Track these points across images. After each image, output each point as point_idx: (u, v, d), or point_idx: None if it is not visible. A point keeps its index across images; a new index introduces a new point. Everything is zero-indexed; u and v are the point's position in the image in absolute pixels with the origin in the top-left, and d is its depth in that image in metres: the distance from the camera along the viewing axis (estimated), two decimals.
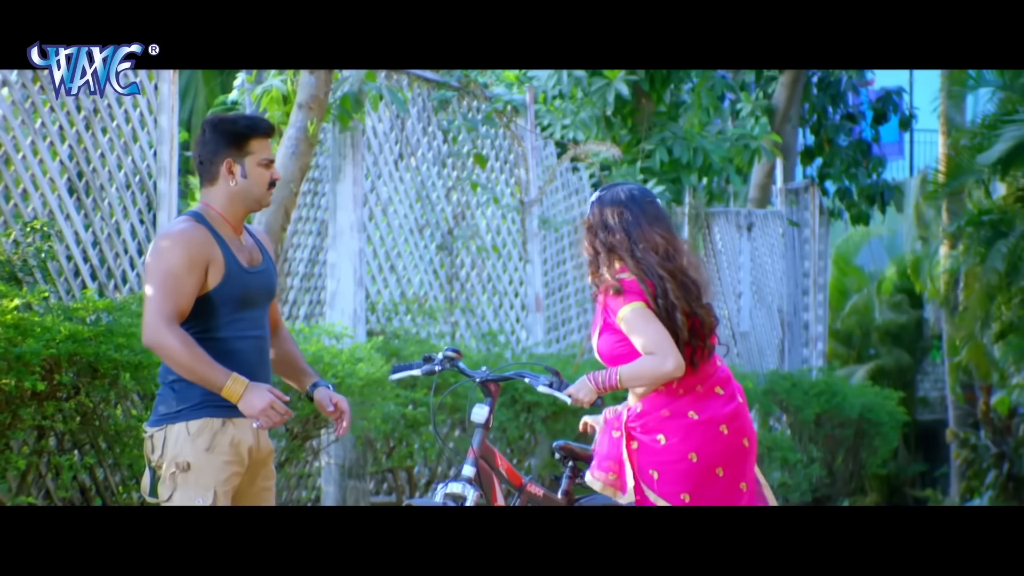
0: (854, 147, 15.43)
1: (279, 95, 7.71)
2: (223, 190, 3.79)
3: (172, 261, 3.66)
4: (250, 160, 3.78)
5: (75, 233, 6.36)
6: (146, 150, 6.77)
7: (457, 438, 8.26)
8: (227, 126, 3.77)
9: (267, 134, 3.81)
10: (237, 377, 3.66)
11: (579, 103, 11.35)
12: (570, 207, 10.96)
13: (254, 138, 3.78)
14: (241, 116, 3.83)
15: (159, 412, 3.76)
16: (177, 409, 3.72)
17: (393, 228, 8.85)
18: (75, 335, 5.18)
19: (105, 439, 5.58)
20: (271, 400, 3.69)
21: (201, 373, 3.63)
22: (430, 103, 9.15)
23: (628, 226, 4.15)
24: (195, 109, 14.90)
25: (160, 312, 3.63)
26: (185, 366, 3.63)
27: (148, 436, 3.79)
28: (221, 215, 3.79)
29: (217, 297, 3.73)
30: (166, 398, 3.76)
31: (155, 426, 3.77)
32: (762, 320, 13.71)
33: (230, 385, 3.64)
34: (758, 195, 14.99)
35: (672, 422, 4.09)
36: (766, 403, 11.41)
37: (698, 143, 11.46)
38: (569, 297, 10.85)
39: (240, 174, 3.77)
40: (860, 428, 12.59)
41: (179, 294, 3.65)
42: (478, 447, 4.38)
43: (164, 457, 3.72)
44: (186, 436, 3.70)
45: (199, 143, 3.80)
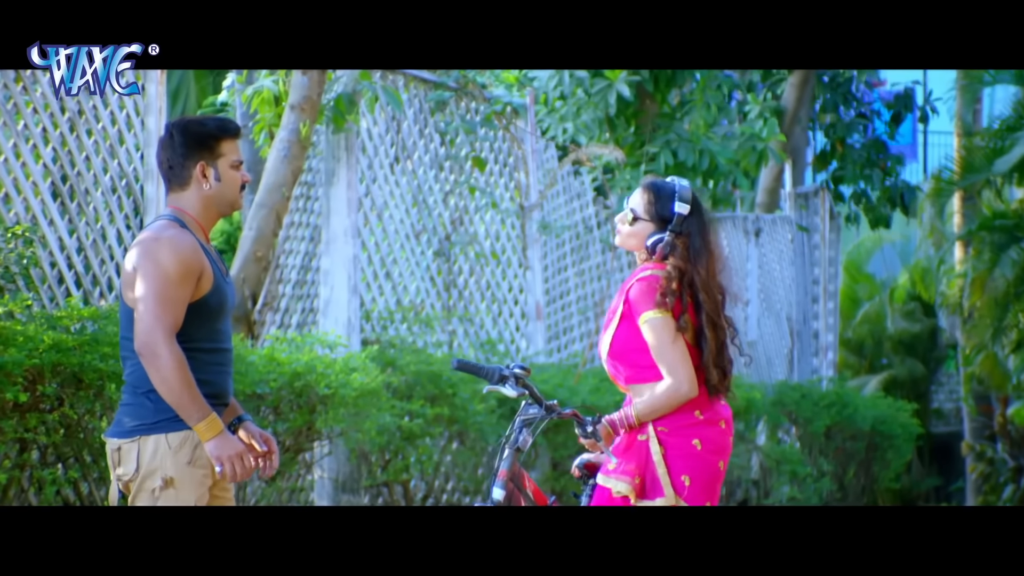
0: (868, 147, 15.39)
1: (271, 96, 7.70)
2: (196, 195, 3.77)
3: (169, 268, 3.64)
4: (222, 163, 3.76)
5: (59, 239, 6.34)
6: (133, 153, 6.76)
7: (455, 451, 8.24)
8: (197, 128, 3.75)
9: (236, 135, 3.81)
10: (216, 419, 3.65)
11: (581, 105, 11.34)
12: (571, 212, 10.95)
13: (225, 140, 3.76)
14: (209, 118, 3.81)
15: (129, 423, 3.70)
16: (154, 420, 3.67)
17: (389, 233, 8.84)
18: (59, 344, 5.16)
19: (90, 452, 5.56)
20: (242, 451, 3.67)
21: (184, 399, 3.61)
22: (427, 104, 9.14)
23: (694, 234, 4.21)
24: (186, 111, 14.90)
25: (159, 320, 3.61)
26: (171, 386, 3.60)
27: (114, 448, 3.71)
28: (196, 220, 3.78)
29: (203, 307, 3.72)
30: (139, 408, 3.70)
31: (125, 437, 3.69)
32: (770, 329, 13.69)
33: (206, 423, 3.63)
34: (766, 199, 14.97)
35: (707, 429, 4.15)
36: (775, 415, 11.38)
37: (704, 145, 11.45)
38: (571, 305, 10.84)
39: (214, 177, 3.75)
40: (872, 441, 12.56)
41: (176, 304, 3.65)
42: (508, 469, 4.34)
43: (139, 471, 3.67)
44: (167, 449, 3.66)
45: (166, 147, 3.76)
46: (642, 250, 4.24)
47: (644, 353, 4.15)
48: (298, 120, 7.38)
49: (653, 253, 4.19)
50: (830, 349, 14.72)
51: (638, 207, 4.22)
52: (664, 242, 4.17)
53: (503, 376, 4.27)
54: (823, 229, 14.50)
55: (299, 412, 6.52)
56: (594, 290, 11.09)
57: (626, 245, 4.26)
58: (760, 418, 11.15)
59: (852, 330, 19.63)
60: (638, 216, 4.22)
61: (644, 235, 4.21)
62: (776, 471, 11.12)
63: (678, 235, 4.17)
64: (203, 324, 3.72)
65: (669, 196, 4.21)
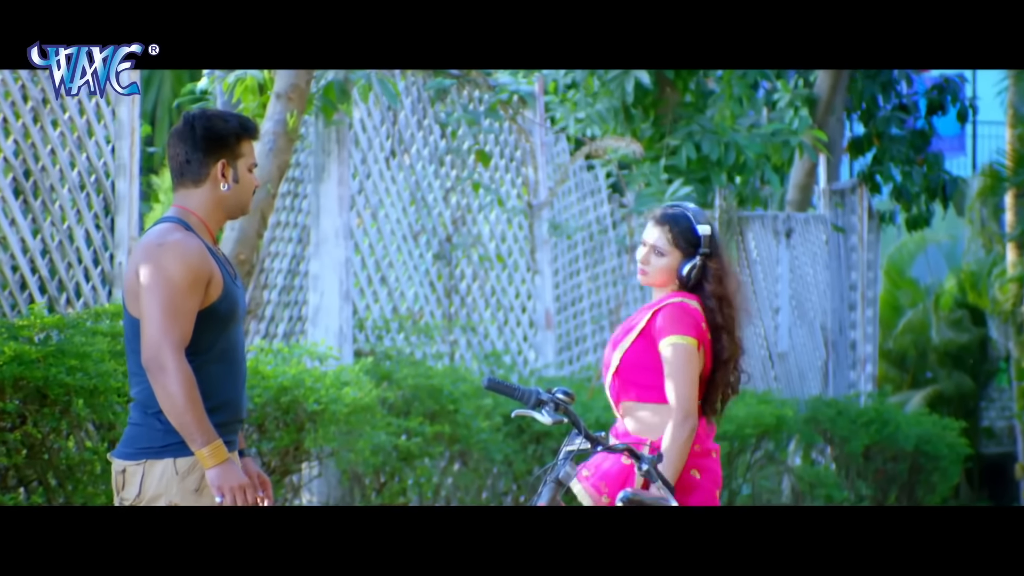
0: (908, 140, 15.37)
1: (254, 84, 7.71)
2: (210, 194, 3.83)
3: (176, 277, 3.69)
4: (241, 163, 3.86)
5: (21, 240, 6.35)
6: (103, 146, 6.77)
7: (457, 473, 8.24)
8: (220, 124, 3.83)
9: (255, 136, 3.92)
10: (221, 446, 3.70)
11: (594, 93, 11.35)
12: (584, 210, 10.95)
13: (245, 139, 3.87)
14: (231, 114, 3.90)
15: (137, 444, 3.76)
16: (163, 444, 3.73)
17: (384, 234, 8.85)
18: (21, 356, 5.15)
19: (55, 475, 5.56)
20: (245, 483, 3.72)
21: (188, 420, 3.66)
22: (426, 93, 9.15)
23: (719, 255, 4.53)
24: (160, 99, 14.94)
25: (167, 334, 3.66)
26: (176, 405, 3.65)
27: (119, 470, 3.78)
28: (203, 221, 3.85)
29: (213, 315, 3.78)
30: (148, 429, 3.76)
31: (131, 460, 3.76)
32: (803, 339, 13.68)
33: (210, 449, 3.68)
34: (798, 197, 14.97)
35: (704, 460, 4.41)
36: (808, 433, 11.37)
37: (730, 138, 11.46)
38: (583, 313, 10.84)
39: (232, 178, 3.84)
40: (916, 462, 12.53)
41: (185, 316, 3.70)
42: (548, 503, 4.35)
43: (142, 496, 3.74)
44: (173, 474, 3.73)
45: (183, 138, 3.83)
46: (674, 282, 4.48)
47: (656, 374, 4.39)
48: (284, 110, 7.39)
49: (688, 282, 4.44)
50: (869, 361, 14.70)
51: (660, 242, 4.47)
52: (697, 267, 4.44)
53: (540, 400, 4.25)
54: (861, 229, 14.48)
55: (286, 430, 6.52)
56: (609, 296, 11.08)
57: (656, 282, 4.49)
58: (792, 437, 11.13)
59: (893, 340, 19.61)
60: (662, 252, 4.46)
61: (675, 267, 4.46)
62: (810, 495, 11.10)
63: (708, 257, 4.45)
64: (213, 332, 3.78)
65: (687, 220, 4.48)
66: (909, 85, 15.67)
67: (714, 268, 4.44)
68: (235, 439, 3.86)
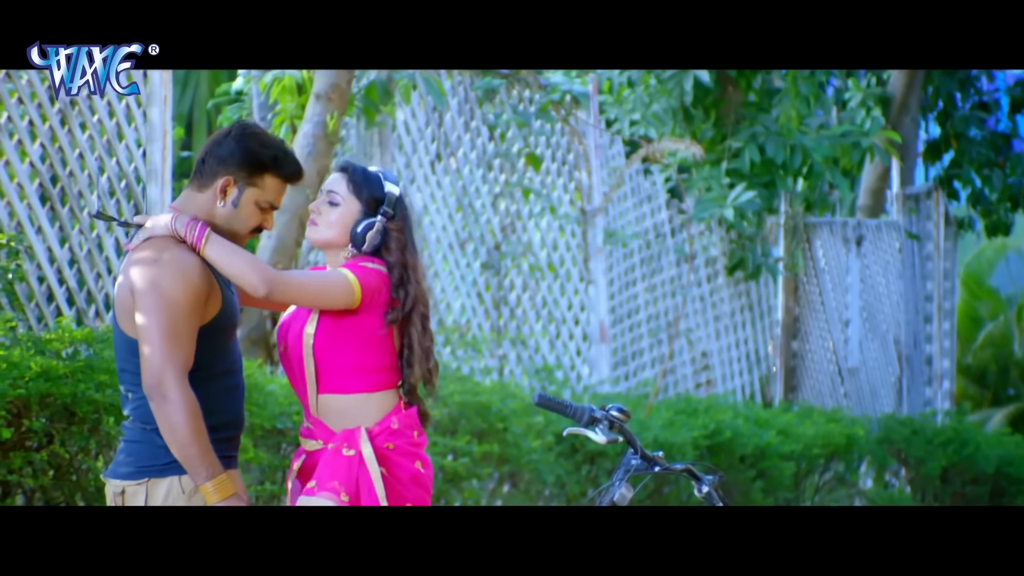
0: (988, 141, 15.22)
1: (292, 84, 7.73)
2: (207, 204, 3.81)
3: (176, 298, 3.67)
4: (251, 192, 3.80)
5: (48, 249, 6.37)
6: (133, 150, 6.78)
7: (506, 494, 8.20)
8: (254, 144, 3.80)
9: (289, 178, 3.83)
10: (226, 481, 3.67)
11: (652, 93, 11.30)
12: (641, 217, 10.90)
13: (271, 175, 3.81)
14: (276, 145, 3.84)
15: (138, 462, 3.73)
16: (167, 461, 3.70)
17: (429, 243, 8.84)
18: (48, 372, 5.17)
19: (84, 496, 5.57)
20: None
21: (192, 453, 3.63)
22: (473, 93, 9.14)
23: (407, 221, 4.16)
24: (196, 101, 15.01)
25: (170, 360, 3.63)
26: (179, 436, 3.63)
27: (117, 492, 3.75)
28: None
29: (213, 330, 3.76)
30: (148, 446, 3.73)
31: (131, 479, 3.73)
32: (875, 353, 13.58)
33: (215, 484, 3.65)
34: (870, 202, 14.86)
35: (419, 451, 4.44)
36: (880, 454, 11.29)
37: (796, 140, 11.37)
38: (640, 326, 10.78)
39: (232, 201, 3.80)
40: (997, 485, 12.41)
41: (187, 338, 3.68)
42: None
43: None
44: (180, 493, 3.70)
45: (215, 140, 3.84)
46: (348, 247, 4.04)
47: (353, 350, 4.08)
48: (324, 111, 7.39)
49: (362, 244, 4.02)
50: (946, 377, 14.58)
51: (338, 187, 4.05)
52: (376, 228, 4.02)
53: (594, 418, 4.18)
54: (937, 236, 14.37)
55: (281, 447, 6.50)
56: (667, 308, 11.02)
57: (327, 239, 4.03)
58: (863, 458, 11.07)
59: (972, 355, 19.46)
60: (337, 201, 4.04)
61: (350, 223, 4.03)
62: None
63: (391, 220, 4.06)
64: (213, 347, 3.76)
65: (375, 175, 4.08)
66: (990, 81, 15.50)
67: (396, 234, 4.02)
68: (236, 454, 3.85)
